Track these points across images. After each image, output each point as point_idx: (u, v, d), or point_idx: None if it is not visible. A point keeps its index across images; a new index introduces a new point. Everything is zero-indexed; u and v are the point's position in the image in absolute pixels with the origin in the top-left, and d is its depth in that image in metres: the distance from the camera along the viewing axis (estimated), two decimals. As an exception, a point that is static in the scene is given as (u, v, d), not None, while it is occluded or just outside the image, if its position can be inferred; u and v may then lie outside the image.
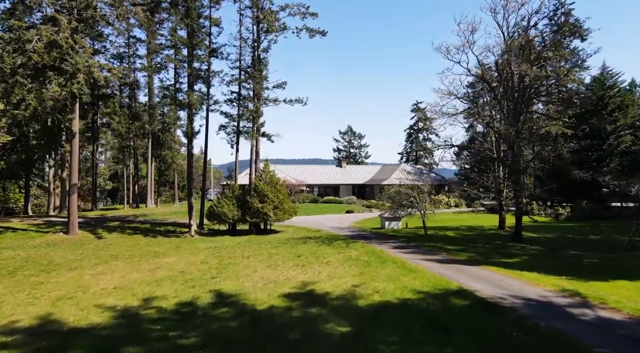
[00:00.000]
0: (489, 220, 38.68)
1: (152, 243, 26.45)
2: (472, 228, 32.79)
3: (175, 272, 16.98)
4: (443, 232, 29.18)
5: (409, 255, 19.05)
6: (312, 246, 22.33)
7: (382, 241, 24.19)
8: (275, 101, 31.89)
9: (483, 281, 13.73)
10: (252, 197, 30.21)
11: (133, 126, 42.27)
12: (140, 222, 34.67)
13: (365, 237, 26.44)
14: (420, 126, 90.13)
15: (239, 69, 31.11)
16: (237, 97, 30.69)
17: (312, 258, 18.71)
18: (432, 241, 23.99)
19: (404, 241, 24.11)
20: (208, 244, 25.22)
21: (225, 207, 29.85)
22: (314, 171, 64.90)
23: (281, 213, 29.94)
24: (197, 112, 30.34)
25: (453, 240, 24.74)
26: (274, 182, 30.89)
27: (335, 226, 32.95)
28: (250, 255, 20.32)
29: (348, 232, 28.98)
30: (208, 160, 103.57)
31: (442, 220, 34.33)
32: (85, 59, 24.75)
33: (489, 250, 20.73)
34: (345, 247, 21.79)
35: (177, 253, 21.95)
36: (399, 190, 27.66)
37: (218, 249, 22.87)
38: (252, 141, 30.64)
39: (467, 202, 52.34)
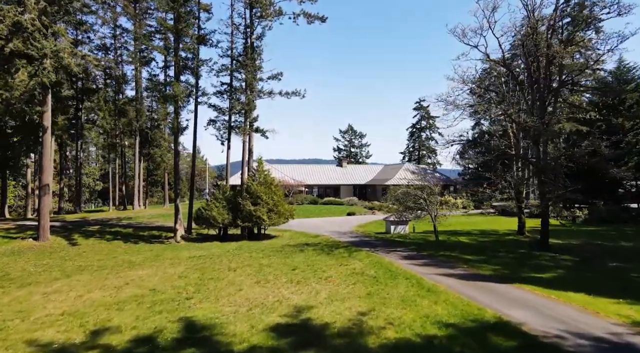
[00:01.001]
0: (502, 223, 35.85)
1: (131, 250, 23.62)
2: (486, 233, 29.95)
3: (144, 290, 14.15)
4: (455, 237, 26.36)
5: (423, 268, 16.21)
6: (309, 255, 19.52)
7: (389, 249, 21.37)
8: (270, 94, 29.05)
9: (524, 307, 10.90)
10: (244, 199, 27.39)
11: (119, 122, 39.43)
12: (123, 225, 31.85)
13: (370, 243, 23.63)
14: (423, 124, 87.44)
15: (231, 58, 28.30)
16: (228, 88, 27.87)
17: (309, 272, 15.88)
18: (446, 249, 21.16)
19: (413, 249, 21.28)
20: (193, 252, 22.40)
21: (215, 210, 27.03)
22: (313, 171, 62.08)
23: (276, 216, 27.11)
24: (183, 105, 27.60)
25: (469, 247, 21.91)
26: (269, 183, 28.07)
27: (335, 230, 30.13)
28: (237, 267, 17.50)
29: (350, 238, 26.16)
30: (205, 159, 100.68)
31: (451, 224, 31.49)
32: (54, 44, 21.91)
33: (515, 261, 17.89)
34: (348, 256, 18.97)
35: (155, 264, 19.13)
36: (406, 191, 24.87)
37: (202, 259, 20.05)
38: (244, 137, 27.80)
39: (476, 203, 49.48)
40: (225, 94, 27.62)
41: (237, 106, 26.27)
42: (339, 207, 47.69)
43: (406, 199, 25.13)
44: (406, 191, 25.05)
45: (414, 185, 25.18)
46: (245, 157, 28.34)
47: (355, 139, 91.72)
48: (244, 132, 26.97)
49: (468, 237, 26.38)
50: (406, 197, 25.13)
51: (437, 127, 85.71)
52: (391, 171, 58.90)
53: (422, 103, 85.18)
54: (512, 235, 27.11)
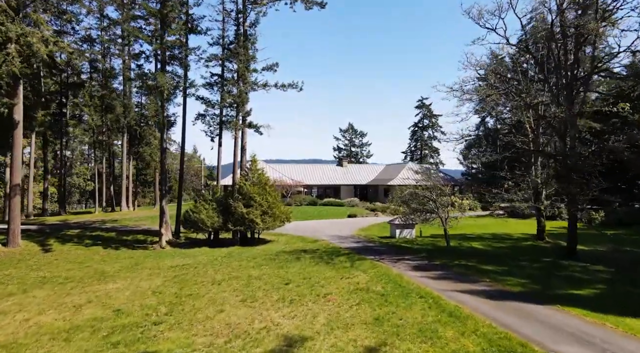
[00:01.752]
0: (514, 226, 33.53)
1: (109, 258, 21.28)
2: (499, 237, 27.63)
3: (107, 311, 11.81)
4: (467, 242, 24.03)
5: (438, 282, 13.86)
6: (306, 265, 17.16)
7: (396, 257, 19.02)
8: (265, 86, 26.68)
9: (579, 341, 8.55)
10: (235, 201, 25.05)
11: (106, 118, 37.04)
12: (106, 229, 29.51)
13: (374, 250, 21.28)
14: (425, 123, 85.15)
15: (222, 47, 25.97)
16: (219, 80, 25.53)
17: (305, 286, 13.53)
18: (460, 257, 18.81)
19: (423, 257, 18.93)
20: (177, 260, 20.05)
21: (203, 212, 24.68)
22: (312, 170, 59.72)
23: (271, 220, 24.77)
24: (169, 98, 25.20)
25: (486, 255, 19.55)
26: (263, 183, 25.74)
27: (336, 235, 27.78)
28: (223, 280, 15.16)
29: (352, 243, 23.82)
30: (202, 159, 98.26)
31: (459, 227, 29.13)
32: (20, 27, 19.58)
33: (543, 272, 15.54)
34: (350, 266, 16.62)
35: (130, 275, 16.79)
36: (414, 192, 22.53)
37: (185, 269, 17.70)
38: (235, 133, 25.46)
39: (483, 204, 47.09)
40: (216, 85, 25.33)
41: (227, 98, 23.91)
42: (339, 209, 45.36)
43: (413, 201, 22.80)
44: (413, 192, 22.71)
45: (422, 186, 22.85)
46: (237, 154, 26.00)
47: (355, 138, 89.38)
48: (235, 127, 24.63)
49: (481, 243, 24.04)
50: (413, 198, 22.80)
51: (440, 126, 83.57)
52: (394, 171, 56.54)
53: (424, 101, 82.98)
54: (530, 240, 24.77)
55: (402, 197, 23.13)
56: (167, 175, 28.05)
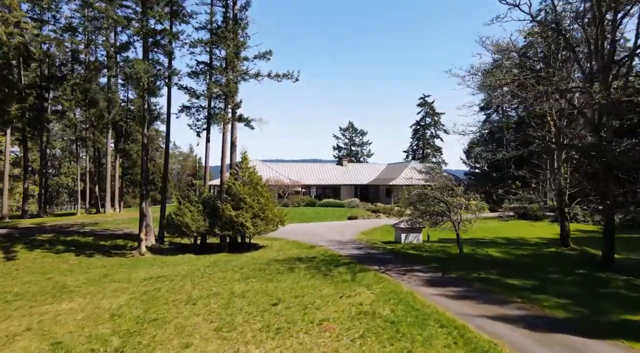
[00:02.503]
0: (528, 229, 31.06)
1: (78, 268, 18.78)
2: (515, 242, 25.17)
3: (43, 345, 9.33)
4: (481, 249, 21.54)
5: (460, 303, 11.36)
6: (300, 278, 14.68)
7: (404, 267, 16.53)
8: (257, 76, 24.18)
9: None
10: (223, 202, 22.56)
11: (89, 113, 34.50)
12: (83, 233, 27.00)
13: (378, 258, 18.80)
14: (427, 121, 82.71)
15: (210, 32, 23.47)
16: (206, 69, 23.02)
17: (297, 309, 11.05)
18: (478, 267, 16.32)
19: (436, 268, 16.42)
20: (154, 270, 17.57)
21: (188, 215, 22.18)
22: (311, 170, 57.22)
23: (262, 223, 22.28)
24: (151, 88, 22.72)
25: (507, 265, 17.05)
26: (254, 182, 23.25)
27: (335, 239, 25.30)
28: (200, 298, 12.68)
29: (353, 249, 21.35)
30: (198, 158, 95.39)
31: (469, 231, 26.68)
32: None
33: (582, 289, 13.05)
34: (351, 280, 14.13)
35: (93, 290, 14.31)
36: (423, 193, 20.04)
37: (160, 282, 15.22)
38: (224, 127, 22.97)
39: (491, 205, 44.55)
40: (202, 74, 22.80)
41: (213, 88, 21.37)
42: (339, 210, 42.87)
43: (422, 202, 20.31)
44: (422, 192, 20.21)
45: (431, 186, 20.35)
46: (226, 151, 23.51)
47: (356, 137, 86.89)
48: (223, 121, 22.13)
49: (497, 249, 21.55)
50: (422, 199, 20.30)
51: (443, 124, 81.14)
52: (396, 170, 54.07)
53: (426, 99, 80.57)
54: (551, 245, 22.27)
55: (410, 198, 20.64)
56: (149, 173, 25.58)
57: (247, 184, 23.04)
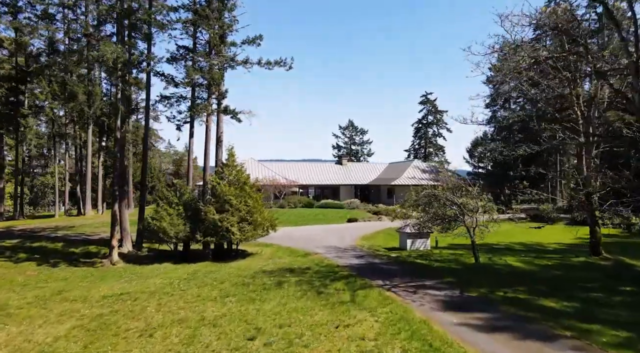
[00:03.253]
0: (543, 233, 28.38)
1: (34, 280, 16.22)
2: (533, 248, 22.70)
3: None
4: (499, 257, 18.98)
5: (492, 338, 8.77)
6: (289, 297, 12.12)
7: (413, 282, 13.97)
8: (246, 63, 21.63)
9: None
10: (206, 205, 20.00)
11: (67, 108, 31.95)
12: (55, 238, 24.44)
13: (382, 269, 16.24)
14: (430, 120, 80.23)
15: (192, 12, 20.89)
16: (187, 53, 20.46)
17: (279, 348, 8.47)
18: (501, 282, 13.75)
19: (452, 283, 13.84)
20: (119, 285, 15.01)
21: (166, 219, 19.60)
22: (309, 169, 54.65)
23: (250, 228, 19.71)
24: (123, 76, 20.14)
25: (534, 279, 14.46)
26: (242, 182, 20.69)
27: (333, 245, 22.75)
28: (160, 326, 10.12)
29: (352, 258, 18.79)
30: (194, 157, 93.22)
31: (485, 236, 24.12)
32: None
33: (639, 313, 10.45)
34: (350, 301, 11.56)
35: (35, 314, 11.75)
36: (433, 194, 17.46)
37: (121, 301, 12.65)
38: (207, 119, 20.42)
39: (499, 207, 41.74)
40: (183, 60, 20.21)
41: (193, 74, 18.76)
42: (338, 211, 40.29)
43: (432, 204, 17.74)
44: (432, 193, 17.62)
45: (444, 187, 17.77)
46: (209, 147, 20.94)
47: (356, 136, 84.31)
48: (206, 112, 19.56)
49: (516, 257, 18.97)
50: (432, 201, 17.72)
51: (446, 123, 78.67)
52: (398, 169, 51.49)
53: (428, 96, 78.07)
54: (577, 253, 19.68)
55: (418, 199, 18.05)
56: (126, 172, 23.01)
57: (233, 184, 20.48)
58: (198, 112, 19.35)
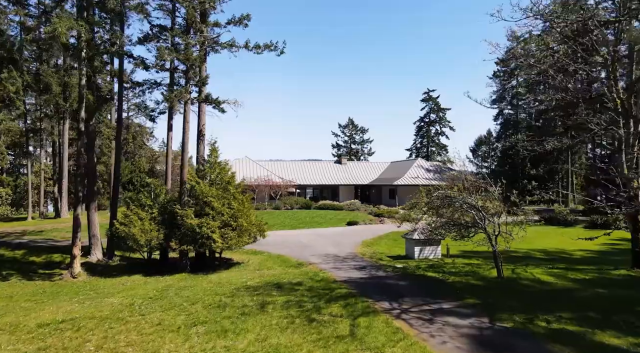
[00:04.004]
0: (562, 237, 25.83)
1: (-31, 299, 13.55)
2: (557, 256, 20.05)
3: None
4: (522, 268, 16.30)
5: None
6: (270, 328, 9.45)
7: (427, 304, 11.29)
8: (232, 46, 19.00)
9: None
10: (184, 207, 17.33)
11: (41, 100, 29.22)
12: (17, 245, 21.79)
13: (387, 285, 13.58)
14: (432, 118, 77.68)
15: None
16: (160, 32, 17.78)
17: None
18: (536, 304, 11.08)
19: (476, 306, 11.16)
20: (69, 306, 12.33)
21: (136, 224, 16.92)
22: (307, 169, 51.99)
23: (234, 235, 17.01)
24: (87, 58, 17.48)
25: (576, 301, 11.78)
26: (226, 181, 18.02)
27: (330, 253, 20.10)
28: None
29: (353, 270, 16.13)
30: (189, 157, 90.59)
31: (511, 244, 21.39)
32: None
33: None
34: (350, 335, 8.90)
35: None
36: (447, 195, 14.78)
37: (58, 333, 9.97)
38: (185, 109, 17.74)
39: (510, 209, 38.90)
40: (156, 39, 17.53)
41: (166, 54, 16.03)
42: (337, 213, 37.62)
43: (447, 208, 15.04)
44: (446, 195, 14.91)
45: (459, 188, 15.05)
46: (187, 141, 18.28)
47: (356, 134, 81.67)
48: (183, 100, 16.87)
49: (543, 269, 16.28)
50: (447, 204, 15.03)
51: (449, 121, 76.20)
52: (400, 169, 48.79)
53: (431, 94, 75.55)
54: (615, 264, 17.01)
55: (429, 202, 15.36)
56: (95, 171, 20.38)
57: (215, 184, 17.82)
58: (172, 99, 16.65)
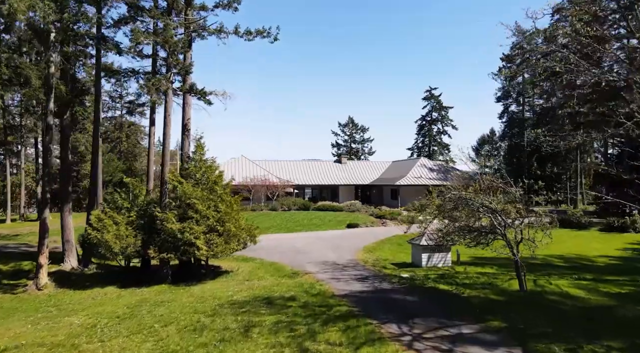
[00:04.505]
0: (579, 241, 23.96)
1: None
2: (577, 263, 18.15)
3: None
4: (545, 280, 14.40)
5: None
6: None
7: (445, 329, 9.43)
8: (220, 32, 17.19)
9: None
10: (164, 210, 15.46)
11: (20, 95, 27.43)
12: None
13: (395, 303, 11.71)
14: (434, 116, 75.84)
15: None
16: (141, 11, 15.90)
17: None
18: (576, 330, 9.25)
19: (502, 332, 9.30)
20: (19, 329, 10.49)
21: (110, 229, 15.04)
22: (305, 168, 50.10)
23: (220, 241, 15.14)
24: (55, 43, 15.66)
25: (619, 322, 9.95)
26: (212, 181, 16.14)
27: (329, 260, 18.24)
28: None
29: (354, 281, 14.27)
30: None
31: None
32: None
33: None
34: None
35: None
36: (461, 197, 12.92)
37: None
38: (167, 100, 15.88)
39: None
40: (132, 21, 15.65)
41: (141, 37, 14.14)
42: (337, 215, 35.72)
43: (462, 211, 13.17)
44: (461, 196, 13.03)
45: (474, 186, 13.17)
46: (167, 135, 16.40)
47: (356, 133, 79.77)
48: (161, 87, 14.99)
49: (569, 280, 14.38)
50: (461, 206, 13.15)
51: (451, 119, 74.26)
52: (403, 168, 46.90)
53: (432, 92, 73.60)
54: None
55: (442, 205, 13.48)
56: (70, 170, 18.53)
57: (200, 184, 15.95)
58: (149, 88, 14.74)
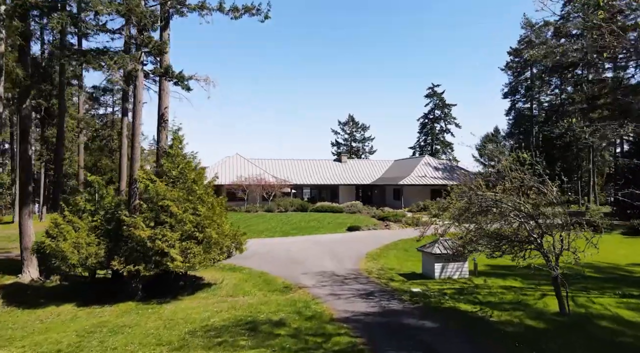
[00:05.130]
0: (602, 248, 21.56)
1: None
2: (618, 277, 15.82)
3: None
4: (586, 298, 12.07)
5: None
6: None
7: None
8: (202, 9, 14.84)
9: None
10: (132, 214, 13.10)
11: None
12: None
13: (408, 330, 9.38)
14: (437, 114, 73.51)
15: None
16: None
17: None
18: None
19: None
20: None
21: (68, 237, 12.68)
22: (303, 167, 47.75)
23: (199, 251, 12.76)
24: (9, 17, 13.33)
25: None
26: (190, 180, 13.76)
27: (327, 270, 15.90)
28: None
29: (357, 300, 11.92)
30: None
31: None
32: None
33: None
34: None
35: None
36: (486, 197, 10.53)
37: None
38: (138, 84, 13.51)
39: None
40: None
41: (99, 5, 11.71)
42: (337, 217, 33.37)
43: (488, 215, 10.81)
44: (485, 197, 10.67)
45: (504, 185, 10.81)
46: (137, 126, 14.01)
47: (356, 132, 77.46)
48: (125, 68, 12.62)
49: (616, 299, 12.05)
50: (487, 209, 10.79)
51: (454, 117, 71.92)
52: (406, 167, 44.53)
53: (435, 89, 71.27)
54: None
55: (461, 207, 11.09)
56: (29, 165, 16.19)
57: (175, 182, 13.59)
58: (112, 67, 12.32)
